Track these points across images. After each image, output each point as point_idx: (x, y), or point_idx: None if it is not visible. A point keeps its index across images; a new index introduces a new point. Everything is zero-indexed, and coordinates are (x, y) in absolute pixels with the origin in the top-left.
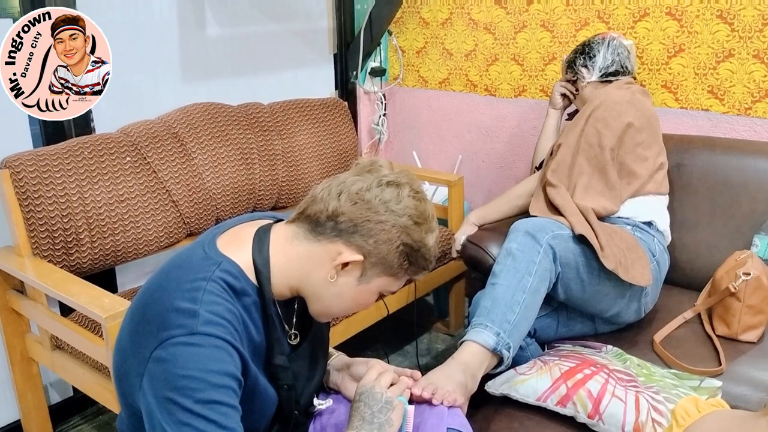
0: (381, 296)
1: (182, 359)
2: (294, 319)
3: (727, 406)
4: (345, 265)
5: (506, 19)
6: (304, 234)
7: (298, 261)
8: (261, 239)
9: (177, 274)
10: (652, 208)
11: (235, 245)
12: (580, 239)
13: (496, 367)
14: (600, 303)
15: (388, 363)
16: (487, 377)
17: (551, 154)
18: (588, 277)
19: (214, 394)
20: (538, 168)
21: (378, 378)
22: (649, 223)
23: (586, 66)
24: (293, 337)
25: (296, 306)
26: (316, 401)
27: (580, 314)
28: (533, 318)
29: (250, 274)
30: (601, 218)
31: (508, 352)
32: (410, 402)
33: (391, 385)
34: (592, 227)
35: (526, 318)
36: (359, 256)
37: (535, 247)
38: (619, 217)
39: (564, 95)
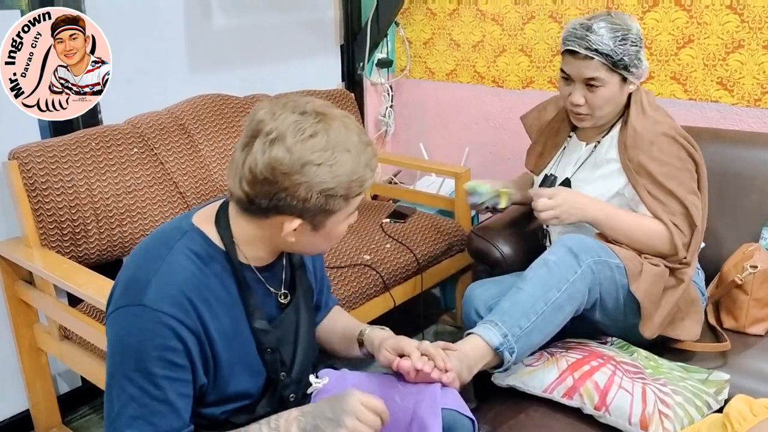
0: (350, 215)
1: (126, 328)
2: (283, 277)
3: None
4: (294, 229)
5: (514, 10)
6: (242, 214)
7: (254, 235)
8: (220, 214)
9: (149, 244)
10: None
11: (207, 219)
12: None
13: (495, 367)
14: (639, 336)
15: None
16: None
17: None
18: (630, 312)
19: (152, 367)
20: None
21: (361, 411)
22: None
23: (638, 67)
24: (283, 296)
25: (284, 264)
26: (312, 379)
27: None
28: (551, 333)
29: (219, 244)
30: None
31: (511, 356)
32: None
33: None
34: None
35: (541, 330)
36: (298, 221)
37: (573, 266)
38: None
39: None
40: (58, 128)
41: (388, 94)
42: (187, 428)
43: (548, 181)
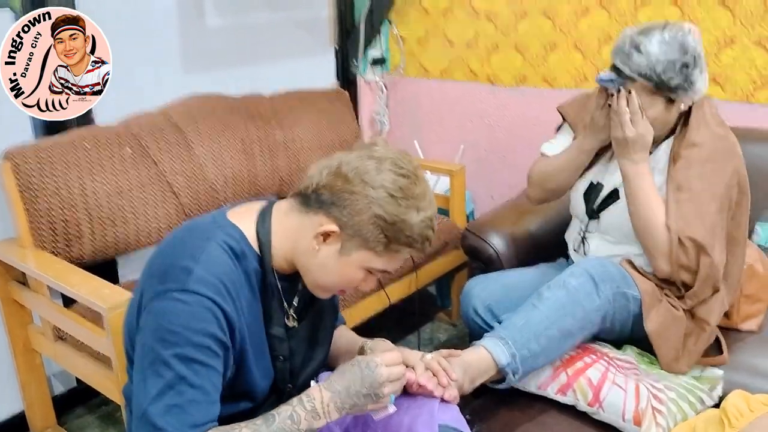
0: (370, 273)
1: (169, 313)
2: (296, 298)
3: None
4: (327, 236)
5: (507, 7)
6: (297, 207)
7: (290, 232)
8: (264, 212)
9: (185, 234)
10: None
11: (242, 217)
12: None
13: (496, 382)
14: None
15: None
16: None
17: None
18: (638, 336)
19: (192, 352)
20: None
21: (392, 372)
22: None
23: (689, 89)
24: (291, 319)
25: (300, 285)
26: (313, 383)
27: None
28: (555, 358)
29: (253, 243)
30: None
31: (514, 377)
32: (406, 392)
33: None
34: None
35: (548, 356)
36: (335, 227)
37: (592, 296)
38: None
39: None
40: (51, 128)
41: (383, 92)
42: (215, 421)
43: (595, 190)
